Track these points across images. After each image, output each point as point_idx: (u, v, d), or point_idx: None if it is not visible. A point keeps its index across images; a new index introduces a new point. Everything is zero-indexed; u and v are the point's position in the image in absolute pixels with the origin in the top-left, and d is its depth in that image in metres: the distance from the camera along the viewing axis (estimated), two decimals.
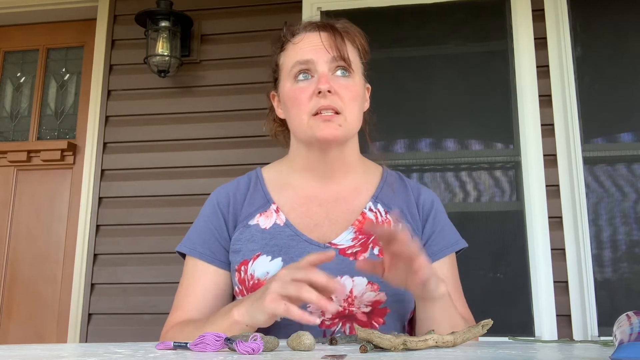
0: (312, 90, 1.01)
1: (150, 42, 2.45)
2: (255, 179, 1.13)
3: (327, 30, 1.05)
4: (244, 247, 1.04)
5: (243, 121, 2.43)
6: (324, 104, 1.00)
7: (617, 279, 2.19)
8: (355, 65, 1.07)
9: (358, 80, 1.07)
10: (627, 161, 2.26)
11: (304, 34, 1.06)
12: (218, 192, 1.13)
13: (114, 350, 0.67)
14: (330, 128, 1.00)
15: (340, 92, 1.01)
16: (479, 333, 0.76)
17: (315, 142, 1.04)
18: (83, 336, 2.38)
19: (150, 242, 2.41)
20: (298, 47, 1.05)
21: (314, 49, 1.03)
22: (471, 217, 2.30)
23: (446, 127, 2.39)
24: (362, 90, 1.08)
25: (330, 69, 1.03)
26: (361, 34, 1.11)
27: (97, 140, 2.53)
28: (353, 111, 1.04)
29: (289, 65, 1.06)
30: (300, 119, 1.03)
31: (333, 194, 1.09)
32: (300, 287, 0.80)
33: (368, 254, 1.02)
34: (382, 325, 1.00)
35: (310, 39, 1.05)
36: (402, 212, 1.08)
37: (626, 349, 0.51)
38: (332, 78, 1.02)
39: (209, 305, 1.05)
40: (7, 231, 2.69)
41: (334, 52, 1.02)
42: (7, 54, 2.90)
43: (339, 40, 1.04)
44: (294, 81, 1.04)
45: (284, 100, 1.08)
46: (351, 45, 1.07)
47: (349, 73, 1.04)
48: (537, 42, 2.33)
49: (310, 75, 1.03)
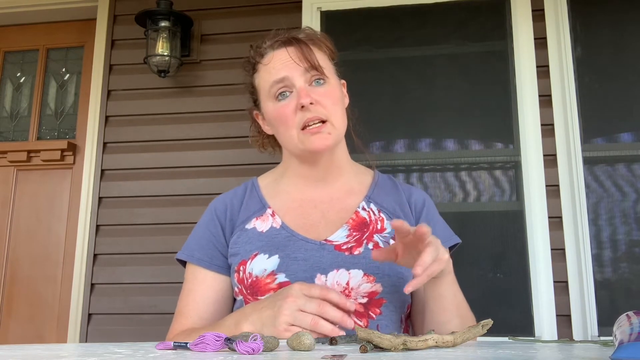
0: (294, 105, 1.04)
1: (150, 42, 2.45)
2: (251, 187, 1.17)
3: (292, 44, 1.08)
4: (242, 249, 1.07)
5: (243, 121, 2.42)
6: (309, 116, 1.03)
7: (617, 279, 2.19)
8: (328, 70, 1.09)
9: (334, 83, 1.10)
10: (627, 161, 2.26)
11: (272, 53, 1.09)
12: (215, 201, 1.17)
13: (114, 350, 0.67)
14: (321, 139, 1.04)
15: (322, 101, 1.05)
16: (479, 333, 0.76)
17: (307, 155, 1.08)
18: (83, 336, 2.38)
19: (150, 242, 2.41)
20: (269, 67, 1.08)
21: (286, 65, 1.06)
22: (471, 217, 2.30)
23: (446, 127, 2.39)
24: (340, 91, 1.11)
25: (306, 80, 1.06)
26: (325, 37, 1.14)
27: (97, 140, 2.53)
28: (337, 115, 1.07)
29: (266, 87, 1.08)
30: (289, 135, 1.06)
31: (327, 195, 1.12)
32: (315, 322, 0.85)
33: (363, 248, 1.05)
34: (379, 315, 1.02)
35: (279, 57, 1.07)
36: (395, 211, 1.11)
37: (626, 349, 0.51)
38: (310, 89, 1.05)
39: (210, 311, 1.08)
40: (7, 231, 2.69)
41: (305, 64, 1.05)
42: (7, 54, 2.90)
43: (306, 51, 1.06)
44: (275, 100, 1.07)
45: (270, 120, 1.11)
46: (319, 51, 1.10)
47: (324, 80, 1.07)
48: (537, 42, 2.33)
49: (289, 92, 1.06)
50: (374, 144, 2.40)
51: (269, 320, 0.88)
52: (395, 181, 1.19)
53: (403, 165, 2.37)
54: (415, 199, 1.15)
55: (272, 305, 0.89)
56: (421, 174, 2.37)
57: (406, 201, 1.14)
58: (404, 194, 1.15)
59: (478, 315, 1.02)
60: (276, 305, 0.88)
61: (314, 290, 0.88)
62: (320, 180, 1.12)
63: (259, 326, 0.89)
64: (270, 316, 0.88)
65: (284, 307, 0.86)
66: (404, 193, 1.15)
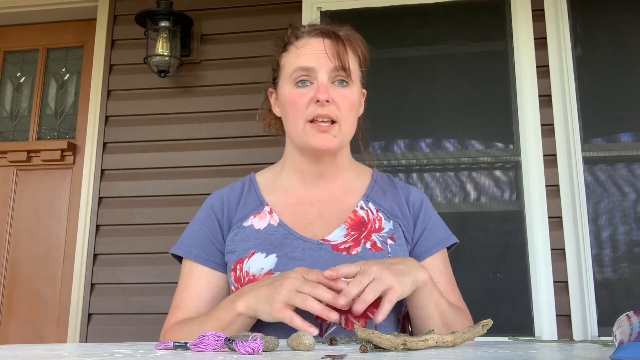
0: (310, 97, 1.04)
1: (150, 42, 2.45)
2: (249, 183, 1.16)
3: (330, 38, 1.07)
4: (239, 246, 1.06)
5: (243, 121, 2.43)
6: (321, 112, 1.03)
7: (617, 279, 2.19)
8: (355, 75, 1.09)
9: (356, 89, 1.09)
10: (627, 161, 2.26)
11: (308, 39, 1.08)
12: (212, 197, 1.16)
13: (114, 350, 0.67)
14: (325, 140, 1.03)
15: (338, 102, 1.04)
16: (479, 333, 0.76)
17: (308, 150, 1.07)
18: (83, 336, 2.38)
19: (150, 242, 2.41)
20: (301, 52, 1.07)
21: (316, 56, 1.05)
22: (471, 217, 2.30)
23: (446, 127, 2.39)
24: (359, 98, 1.11)
25: (330, 78, 1.05)
26: (363, 42, 1.13)
27: (97, 140, 2.53)
28: (348, 120, 1.06)
29: (289, 69, 1.07)
30: (296, 123, 1.05)
31: (325, 193, 1.12)
32: (306, 299, 0.86)
33: (360, 248, 1.04)
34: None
35: (314, 46, 1.06)
36: (393, 211, 1.11)
37: (626, 349, 0.51)
38: (331, 87, 1.04)
39: (207, 307, 1.08)
40: (7, 231, 2.69)
41: (336, 62, 1.04)
42: (7, 54, 2.90)
43: (341, 49, 1.05)
44: (293, 85, 1.06)
45: (282, 102, 1.10)
46: (352, 54, 1.09)
47: (347, 83, 1.06)
48: (537, 42, 2.33)
49: (310, 82, 1.05)
50: (374, 144, 2.40)
51: (265, 299, 0.90)
52: (394, 180, 1.19)
53: (403, 165, 2.37)
54: (413, 198, 1.14)
55: (271, 285, 0.91)
56: (421, 174, 2.37)
57: (404, 200, 1.14)
58: (402, 194, 1.15)
59: (478, 316, 1.02)
60: (275, 285, 0.90)
61: (312, 274, 0.90)
62: (318, 177, 1.12)
63: (253, 304, 0.91)
64: (267, 295, 0.90)
65: (283, 286, 0.88)
66: (402, 192, 1.15)
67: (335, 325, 0.99)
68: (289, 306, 0.87)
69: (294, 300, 0.87)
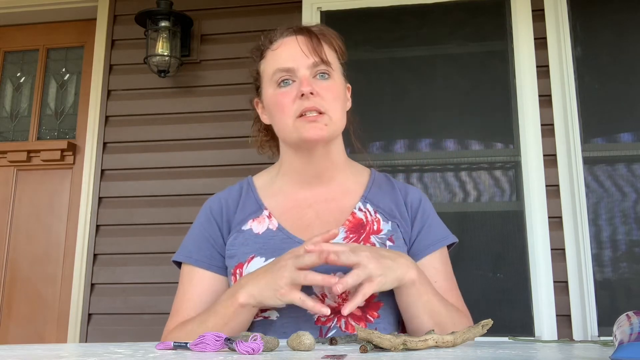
0: (294, 93, 1.04)
1: (150, 42, 2.45)
2: (247, 187, 1.16)
3: (303, 34, 1.07)
4: (238, 251, 1.06)
5: (243, 121, 2.43)
6: (307, 105, 1.02)
7: (617, 279, 2.19)
8: (335, 67, 1.09)
9: (338, 81, 1.09)
10: (627, 161, 2.26)
11: (282, 40, 1.09)
12: (211, 201, 1.16)
13: (114, 350, 0.67)
14: (316, 129, 1.03)
15: (322, 94, 1.04)
16: (479, 333, 0.76)
17: (301, 144, 1.06)
18: (83, 336, 2.38)
19: (150, 242, 2.41)
20: (277, 53, 1.08)
21: (293, 55, 1.05)
22: (471, 217, 2.30)
23: (446, 127, 2.39)
24: (343, 90, 1.11)
25: (311, 73, 1.05)
26: (337, 36, 1.13)
27: (97, 140, 2.53)
28: (336, 110, 1.06)
29: (269, 73, 1.08)
30: (285, 123, 1.05)
31: (323, 195, 1.11)
32: (306, 275, 0.91)
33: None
34: (377, 318, 1.01)
35: (289, 45, 1.07)
36: (391, 211, 1.10)
37: (626, 349, 0.51)
38: (313, 81, 1.05)
39: None
40: (7, 231, 2.69)
41: (313, 57, 1.05)
42: (7, 54, 2.90)
43: (316, 43, 1.06)
44: (276, 87, 1.07)
45: (268, 106, 1.10)
46: (329, 48, 1.09)
47: (329, 75, 1.07)
48: (537, 42, 2.33)
49: (292, 81, 1.05)
50: (374, 144, 2.40)
51: (267, 285, 0.92)
52: (392, 180, 1.18)
53: (403, 165, 2.37)
54: (411, 198, 1.14)
55: (268, 271, 0.93)
56: (421, 174, 2.37)
57: (402, 200, 1.13)
58: (400, 193, 1.14)
59: (478, 316, 1.02)
60: (273, 270, 0.93)
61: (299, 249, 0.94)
62: (315, 177, 1.11)
63: (256, 292, 0.93)
64: (268, 281, 0.92)
65: (284, 269, 0.91)
66: (400, 192, 1.14)
67: (336, 329, 0.99)
68: (296, 287, 0.90)
69: (297, 279, 0.90)
